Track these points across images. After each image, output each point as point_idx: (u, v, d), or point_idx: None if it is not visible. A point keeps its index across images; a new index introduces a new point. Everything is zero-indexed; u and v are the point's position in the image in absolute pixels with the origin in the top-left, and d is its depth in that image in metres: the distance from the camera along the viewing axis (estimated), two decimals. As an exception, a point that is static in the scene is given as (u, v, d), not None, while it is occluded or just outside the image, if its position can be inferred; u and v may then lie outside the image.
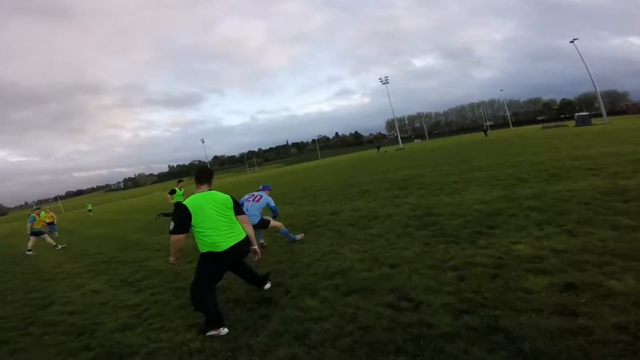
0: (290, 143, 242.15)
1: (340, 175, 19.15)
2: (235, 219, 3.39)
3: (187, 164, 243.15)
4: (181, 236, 3.21)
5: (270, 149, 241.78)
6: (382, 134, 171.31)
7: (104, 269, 6.90)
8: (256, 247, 3.58)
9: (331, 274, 4.08)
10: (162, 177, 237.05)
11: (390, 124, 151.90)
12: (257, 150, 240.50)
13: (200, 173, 3.43)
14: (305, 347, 2.69)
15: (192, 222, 3.14)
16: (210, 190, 3.40)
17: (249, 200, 5.70)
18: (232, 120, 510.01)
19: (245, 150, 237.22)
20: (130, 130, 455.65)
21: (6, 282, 7.54)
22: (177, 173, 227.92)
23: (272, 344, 2.83)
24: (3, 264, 10.66)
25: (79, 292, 5.51)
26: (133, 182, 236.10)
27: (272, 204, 5.94)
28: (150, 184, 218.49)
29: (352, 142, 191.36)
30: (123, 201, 75.89)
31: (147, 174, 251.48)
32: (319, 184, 16.35)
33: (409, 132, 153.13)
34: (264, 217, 5.75)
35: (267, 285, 3.94)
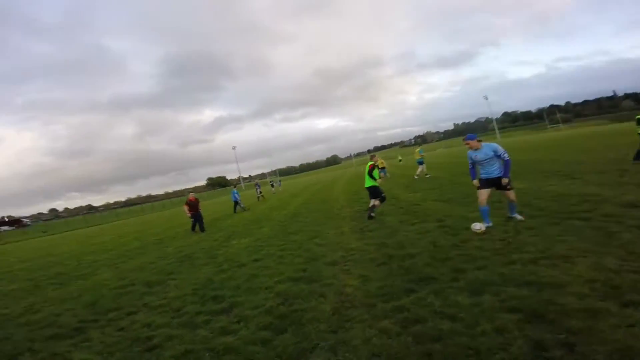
0: (620, 94, 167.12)
1: None
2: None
3: (472, 121, 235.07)
4: None
5: (586, 102, 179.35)
6: None
7: (359, 217, 8.79)
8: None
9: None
10: (447, 135, 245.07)
11: None
12: (563, 104, 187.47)
13: None
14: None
15: None
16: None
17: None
18: (521, 73, 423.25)
19: (546, 105, 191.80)
20: (415, 94, 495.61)
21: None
22: (462, 130, 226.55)
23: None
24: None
25: (336, 231, 7.46)
26: (422, 139, 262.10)
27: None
28: (436, 141, 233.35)
29: None
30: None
31: (434, 131, 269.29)
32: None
33: None
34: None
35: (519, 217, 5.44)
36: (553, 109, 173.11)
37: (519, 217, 5.44)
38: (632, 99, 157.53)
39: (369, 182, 8.35)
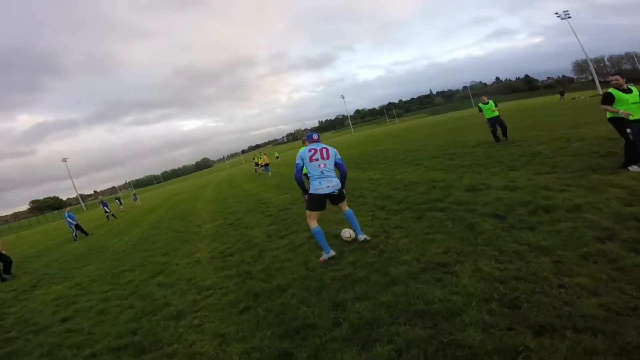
0: (434, 92, 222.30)
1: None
2: None
3: (332, 118, 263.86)
4: None
5: (412, 99, 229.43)
6: (568, 78, 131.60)
7: (221, 234, 7.24)
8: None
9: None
10: (314, 130, 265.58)
11: (580, 66, 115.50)
12: (397, 101, 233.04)
13: None
14: None
15: None
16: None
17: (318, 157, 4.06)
18: (367, 75, 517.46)
19: (385, 103, 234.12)
20: (285, 94, 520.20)
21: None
22: (326, 127, 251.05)
23: None
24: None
25: (189, 260, 5.78)
26: (293, 137, 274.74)
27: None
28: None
29: (521, 87, 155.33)
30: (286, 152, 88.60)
31: (303, 129, 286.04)
32: (465, 139, 13.10)
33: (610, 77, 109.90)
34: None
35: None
36: (390, 106, 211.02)
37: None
38: (441, 96, 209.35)
39: None
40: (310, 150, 4.01)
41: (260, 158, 23.05)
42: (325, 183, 3.89)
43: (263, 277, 4.02)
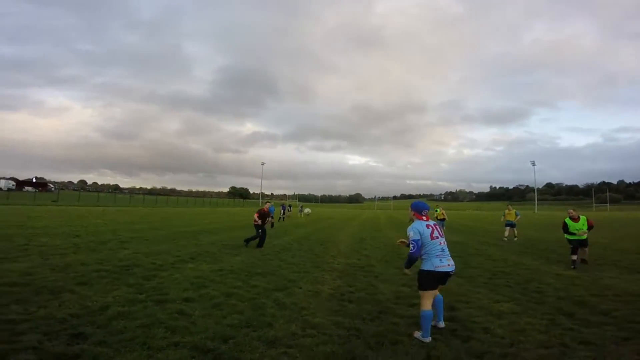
0: None
1: None
2: None
3: (510, 187, 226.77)
4: None
5: None
6: None
7: (350, 274, 7.15)
8: None
9: None
10: (480, 197, 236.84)
11: None
12: (615, 182, 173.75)
13: None
14: None
15: None
16: None
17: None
18: (574, 140, 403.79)
19: (596, 181, 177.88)
20: (454, 148, 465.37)
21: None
22: (498, 195, 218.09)
23: None
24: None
25: (311, 289, 5.86)
26: (452, 196, 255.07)
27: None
28: (467, 201, 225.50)
29: None
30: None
31: (467, 191, 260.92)
32: None
33: None
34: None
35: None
36: (604, 186, 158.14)
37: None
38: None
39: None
40: (427, 227, 3.85)
41: (437, 211, 19.33)
42: (446, 261, 3.78)
43: (371, 343, 3.45)
